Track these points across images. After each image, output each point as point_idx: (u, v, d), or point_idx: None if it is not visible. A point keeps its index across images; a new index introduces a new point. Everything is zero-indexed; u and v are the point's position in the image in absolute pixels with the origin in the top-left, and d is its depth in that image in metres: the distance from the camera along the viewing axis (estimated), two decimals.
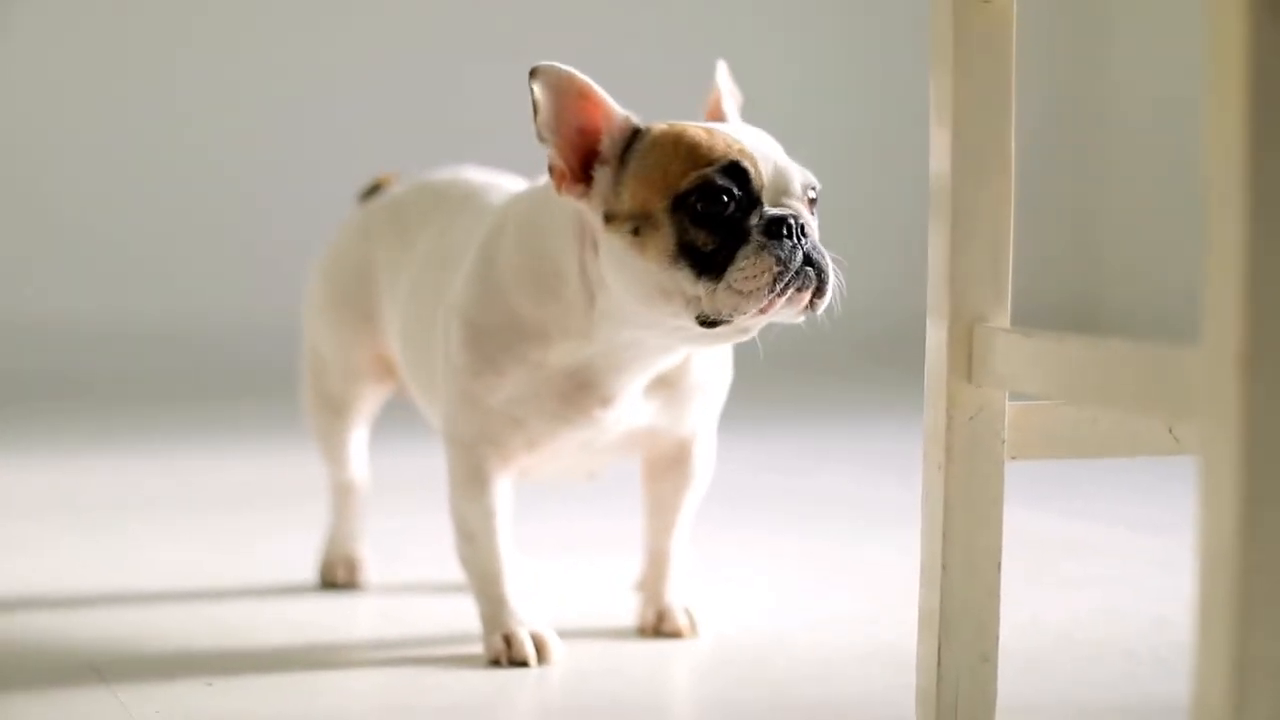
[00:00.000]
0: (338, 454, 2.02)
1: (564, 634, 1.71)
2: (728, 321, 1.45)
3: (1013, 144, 1.35)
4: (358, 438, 2.02)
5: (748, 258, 1.43)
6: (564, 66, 1.48)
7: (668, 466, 1.75)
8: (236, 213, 4.86)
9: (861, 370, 4.31)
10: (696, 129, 1.50)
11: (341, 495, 2.05)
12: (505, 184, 1.84)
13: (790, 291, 1.44)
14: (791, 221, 1.45)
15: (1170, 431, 1.40)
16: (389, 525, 2.29)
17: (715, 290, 1.44)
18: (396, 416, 2.19)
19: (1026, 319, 1.47)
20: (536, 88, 1.47)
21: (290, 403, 3.68)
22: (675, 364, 1.63)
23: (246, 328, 4.67)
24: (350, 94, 4.94)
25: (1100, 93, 5.25)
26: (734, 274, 1.43)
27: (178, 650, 1.73)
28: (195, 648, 1.74)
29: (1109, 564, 2.18)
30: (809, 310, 1.47)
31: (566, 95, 1.48)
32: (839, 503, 2.72)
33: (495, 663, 1.64)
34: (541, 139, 1.48)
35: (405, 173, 2.05)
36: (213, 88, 4.84)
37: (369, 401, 1.99)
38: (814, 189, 1.51)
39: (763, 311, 1.44)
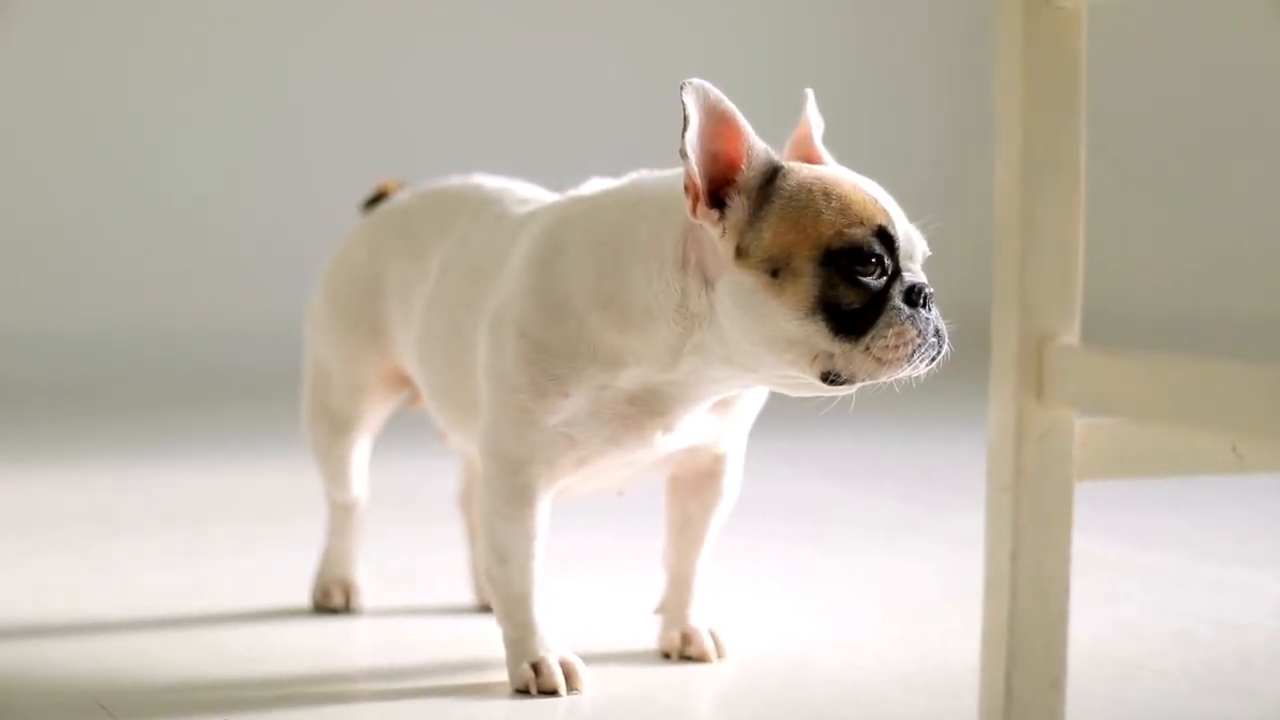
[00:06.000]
0: (339, 472, 1.94)
1: (585, 658, 1.65)
2: (851, 381, 1.43)
3: (1083, 152, 1.31)
4: (360, 455, 1.94)
5: (892, 326, 1.42)
6: (713, 88, 1.42)
7: (699, 484, 1.69)
8: (221, 218, 4.79)
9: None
10: (843, 181, 1.46)
11: (340, 515, 1.97)
12: (519, 190, 1.77)
13: (918, 361, 1.43)
14: (928, 292, 1.45)
15: (1234, 449, 1.37)
16: (377, 544, 2.22)
17: (852, 351, 1.42)
18: (390, 428, 2.11)
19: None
20: (689, 101, 1.41)
21: (267, 411, 3.60)
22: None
23: (221, 334, 4.59)
24: (346, 99, 4.88)
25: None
26: (876, 340, 1.42)
27: (182, 681, 1.66)
28: (200, 678, 1.67)
29: (1115, 579, 2.15)
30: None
31: (710, 118, 1.43)
32: (834, 514, 2.68)
33: (523, 691, 1.58)
34: (683, 155, 1.42)
35: (410, 180, 1.98)
36: (203, 93, 4.77)
37: (374, 417, 1.91)
38: (927, 254, 1.50)
39: (892, 377, 1.43)
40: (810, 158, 1.55)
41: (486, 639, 1.79)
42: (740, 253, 1.44)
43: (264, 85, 4.79)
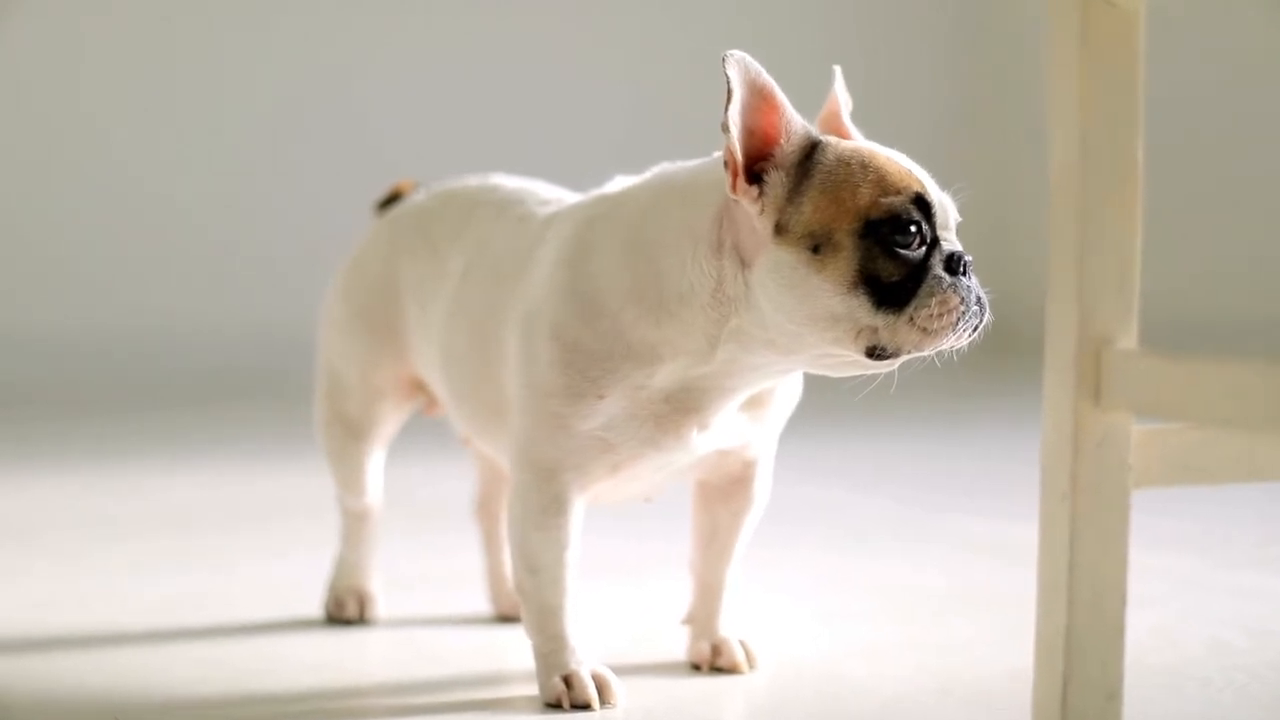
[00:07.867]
0: (353, 479, 1.89)
1: (613, 670, 1.60)
2: (896, 355, 1.39)
3: (1140, 150, 1.27)
4: (375, 462, 1.90)
5: (934, 295, 1.38)
6: (753, 61, 1.38)
7: (728, 490, 1.65)
8: (221, 220, 4.76)
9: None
10: (878, 154, 1.43)
11: (354, 523, 1.93)
12: (540, 190, 1.73)
13: (962, 330, 1.38)
14: (967, 259, 1.41)
15: None
16: (392, 553, 2.17)
17: (896, 323, 1.38)
18: (404, 432, 2.06)
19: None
20: (732, 75, 1.37)
21: (270, 413, 3.53)
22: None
23: (221, 335, 4.55)
24: (345, 100, 4.84)
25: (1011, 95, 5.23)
26: (920, 310, 1.38)
27: (193, 697, 1.61)
28: (210, 694, 1.62)
29: (1139, 584, 2.10)
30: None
31: (749, 92, 1.39)
32: (839, 518, 2.64)
33: (554, 705, 1.54)
34: (724, 129, 1.38)
35: (425, 180, 1.93)
36: (204, 93, 4.73)
37: (389, 424, 1.87)
38: (958, 220, 1.46)
39: (936, 348, 1.39)
40: (839, 134, 1.51)
41: (507, 650, 1.76)
42: (780, 229, 1.40)
43: (263, 87, 4.76)
